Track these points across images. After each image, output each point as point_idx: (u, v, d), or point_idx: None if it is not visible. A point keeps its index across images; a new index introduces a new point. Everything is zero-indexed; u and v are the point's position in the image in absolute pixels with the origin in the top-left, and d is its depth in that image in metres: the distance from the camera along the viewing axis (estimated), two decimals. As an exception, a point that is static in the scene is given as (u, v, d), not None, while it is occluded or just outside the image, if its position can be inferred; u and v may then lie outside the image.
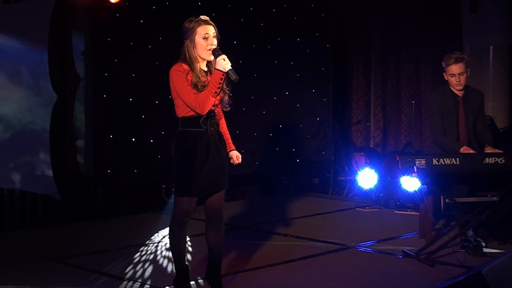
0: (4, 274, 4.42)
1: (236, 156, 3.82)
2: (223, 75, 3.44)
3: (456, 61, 4.92)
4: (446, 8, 8.15)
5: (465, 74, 4.97)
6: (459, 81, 4.95)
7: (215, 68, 3.47)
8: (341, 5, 8.80)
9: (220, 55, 3.47)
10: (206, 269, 3.80)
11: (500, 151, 4.77)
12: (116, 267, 4.54)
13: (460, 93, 5.05)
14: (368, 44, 8.95)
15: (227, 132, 3.83)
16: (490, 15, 7.66)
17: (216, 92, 3.46)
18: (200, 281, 4.12)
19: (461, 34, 7.97)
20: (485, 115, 5.36)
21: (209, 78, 3.56)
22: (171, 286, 3.87)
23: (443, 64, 5.01)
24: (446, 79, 5.06)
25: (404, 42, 8.57)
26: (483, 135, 5.09)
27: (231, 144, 3.84)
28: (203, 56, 3.56)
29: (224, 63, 3.44)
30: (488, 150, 4.88)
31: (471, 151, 4.80)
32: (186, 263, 3.76)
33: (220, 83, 3.45)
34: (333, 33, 8.63)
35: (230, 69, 3.44)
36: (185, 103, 3.52)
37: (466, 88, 5.06)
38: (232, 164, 3.84)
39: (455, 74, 4.94)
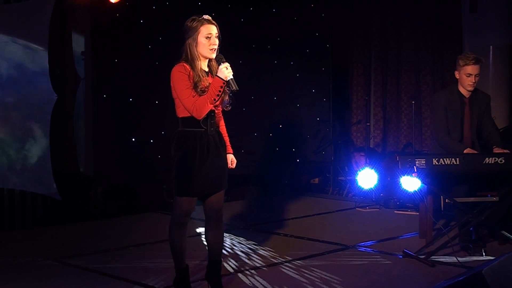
0: (4, 274, 4.42)
1: (231, 160, 3.82)
2: (223, 83, 3.46)
3: (476, 62, 4.89)
4: (446, 8, 8.15)
5: (479, 76, 4.96)
6: (474, 81, 4.93)
7: (216, 75, 3.47)
8: (341, 5, 8.80)
9: (223, 62, 3.48)
10: (206, 269, 3.81)
11: (508, 152, 4.73)
12: (116, 267, 4.54)
13: (467, 94, 5.03)
14: (368, 44, 8.95)
15: (226, 135, 3.83)
16: (490, 15, 7.66)
17: (214, 99, 3.47)
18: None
19: (461, 34, 7.97)
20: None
21: (209, 79, 3.56)
22: (171, 286, 3.86)
23: (460, 63, 4.95)
24: (457, 77, 5.02)
25: (404, 42, 8.57)
26: (491, 137, 5.05)
27: (229, 147, 3.85)
28: (204, 54, 3.57)
29: (226, 72, 3.45)
30: (496, 151, 4.85)
31: (475, 152, 4.79)
32: (186, 263, 3.76)
33: (219, 91, 3.46)
34: (333, 33, 8.64)
35: (231, 79, 3.46)
36: (183, 105, 3.52)
37: (473, 89, 5.04)
38: None
39: (472, 74, 4.91)
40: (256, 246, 5.17)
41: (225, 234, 4.94)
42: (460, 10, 7.97)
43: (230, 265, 4.55)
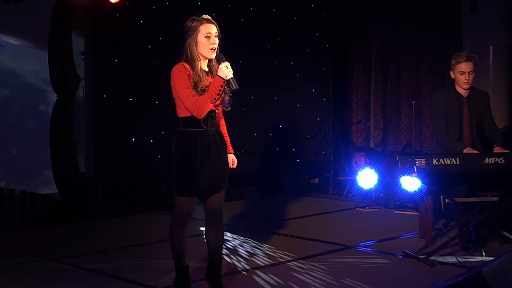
0: (4, 274, 4.42)
1: (232, 160, 3.82)
2: (224, 82, 3.45)
3: (467, 59, 4.90)
4: (446, 8, 8.16)
5: (473, 74, 4.95)
6: (468, 79, 4.93)
7: (217, 74, 3.47)
8: (341, 5, 8.81)
9: (223, 61, 3.47)
10: (206, 269, 3.81)
11: (507, 151, 4.73)
12: (116, 267, 4.54)
13: (465, 93, 5.02)
14: (368, 44, 8.96)
15: (227, 135, 3.82)
16: (490, 15, 7.66)
17: (215, 99, 3.47)
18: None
19: (461, 34, 7.97)
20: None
21: (209, 79, 3.56)
22: (171, 286, 3.86)
23: (453, 62, 4.96)
24: (453, 77, 5.03)
25: (404, 42, 8.58)
26: (492, 135, 5.03)
27: (230, 147, 3.84)
28: (204, 54, 3.57)
29: (226, 71, 3.45)
30: (497, 150, 4.84)
31: (475, 152, 4.78)
32: (186, 263, 3.76)
33: (220, 90, 3.46)
34: (333, 33, 8.64)
35: (231, 78, 3.46)
36: (183, 105, 3.52)
37: (471, 88, 5.03)
38: None
39: (465, 72, 4.91)
40: (256, 246, 5.17)
41: (225, 234, 4.94)
42: (460, 10, 7.98)
43: (230, 265, 4.55)
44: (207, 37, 3.54)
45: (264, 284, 4.10)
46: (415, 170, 4.46)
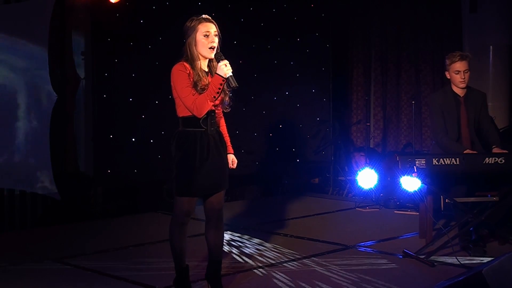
0: (4, 274, 4.42)
1: (232, 160, 3.82)
2: (223, 80, 3.46)
3: (462, 58, 4.91)
4: (446, 8, 8.16)
5: (469, 72, 4.95)
6: (464, 78, 4.93)
7: (216, 73, 3.47)
8: (341, 5, 8.81)
9: (222, 60, 3.47)
10: (206, 269, 3.81)
11: (507, 152, 4.73)
12: (116, 267, 4.54)
13: (461, 93, 5.03)
14: (368, 44, 8.96)
15: (227, 135, 3.83)
16: (490, 15, 7.67)
17: (214, 97, 3.47)
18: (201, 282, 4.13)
19: (461, 34, 7.97)
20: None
21: (209, 79, 3.57)
22: (171, 286, 3.87)
23: (447, 62, 4.97)
24: (448, 77, 5.03)
25: (404, 42, 8.58)
26: (489, 135, 5.03)
27: (230, 147, 3.84)
28: (204, 53, 3.57)
29: (225, 69, 3.45)
30: (496, 151, 4.84)
31: (475, 153, 4.78)
32: (186, 263, 3.76)
33: (219, 88, 3.46)
34: (333, 33, 8.64)
35: (230, 76, 3.46)
36: (183, 104, 3.52)
37: (467, 88, 5.04)
38: None
39: (460, 71, 4.91)
40: (256, 246, 5.17)
41: (225, 234, 4.94)
42: (460, 10, 7.98)
43: (230, 265, 4.55)
44: (206, 35, 3.54)
45: (264, 284, 4.10)
46: (415, 170, 4.46)
